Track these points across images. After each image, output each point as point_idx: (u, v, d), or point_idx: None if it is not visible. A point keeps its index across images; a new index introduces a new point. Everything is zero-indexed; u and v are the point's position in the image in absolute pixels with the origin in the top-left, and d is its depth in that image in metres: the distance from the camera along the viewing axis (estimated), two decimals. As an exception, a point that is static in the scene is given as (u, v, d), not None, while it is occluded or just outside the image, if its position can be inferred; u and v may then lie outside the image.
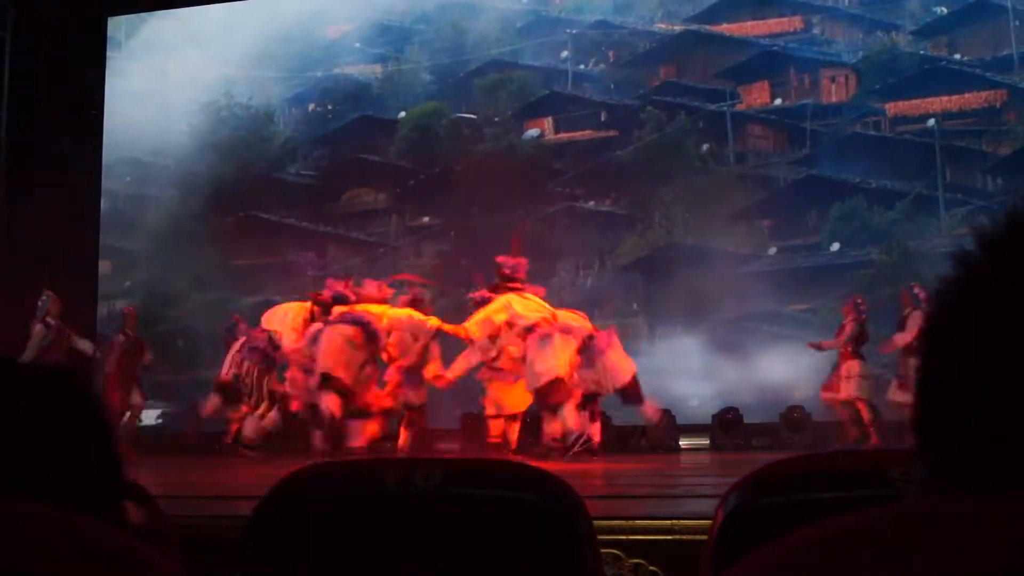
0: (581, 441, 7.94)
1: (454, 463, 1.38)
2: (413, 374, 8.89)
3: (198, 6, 13.14)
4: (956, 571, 0.51)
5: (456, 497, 1.29)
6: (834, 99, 11.59)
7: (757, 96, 11.74)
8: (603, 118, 12.23)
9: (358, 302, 9.22)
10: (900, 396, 8.39)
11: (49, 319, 10.17)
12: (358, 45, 13.11)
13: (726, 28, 11.97)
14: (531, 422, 8.65)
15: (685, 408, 9.95)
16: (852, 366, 8.95)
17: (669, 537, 3.66)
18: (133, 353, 10.51)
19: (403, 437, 8.93)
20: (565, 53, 12.48)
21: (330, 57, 13.16)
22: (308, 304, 9.70)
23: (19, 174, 12.07)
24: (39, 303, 10.23)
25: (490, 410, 8.62)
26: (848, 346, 9.03)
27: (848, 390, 8.91)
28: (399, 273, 12.44)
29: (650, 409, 8.56)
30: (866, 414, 8.80)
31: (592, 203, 11.94)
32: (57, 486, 0.82)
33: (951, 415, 0.61)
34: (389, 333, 8.92)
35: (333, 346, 8.74)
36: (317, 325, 9.14)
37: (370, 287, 9.46)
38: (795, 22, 11.83)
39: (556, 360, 8.00)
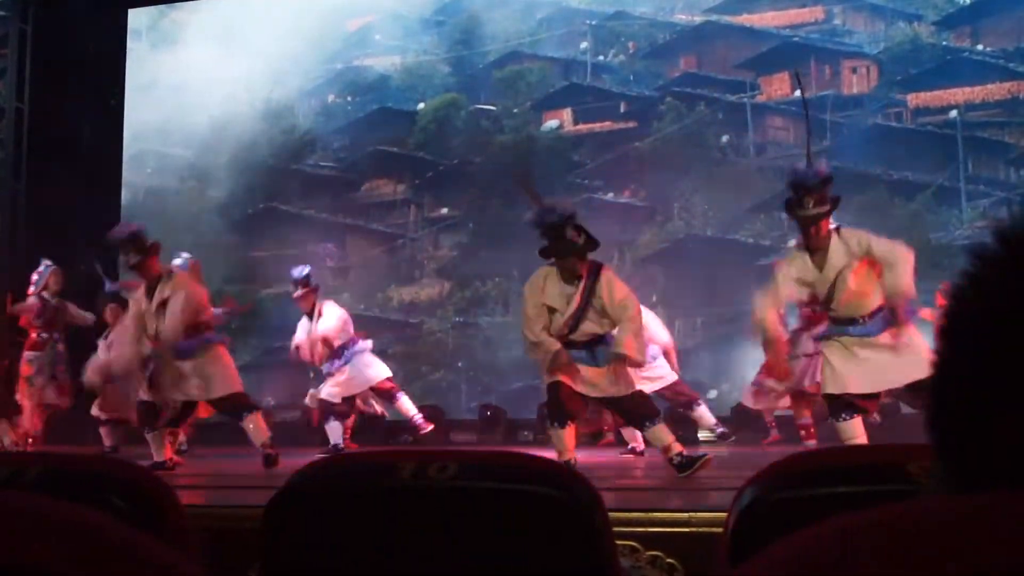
0: None
1: (469, 456, 1.38)
2: None
3: (218, -2, 13.20)
4: (971, 570, 0.51)
5: (471, 490, 1.29)
6: (855, 90, 11.51)
7: (777, 87, 11.68)
8: (622, 109, 12.20)
9: None
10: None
11: (45, 294, 9.78)
12: (378, 37, 13.12)
13: (746, 19, 11.91)
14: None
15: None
16: None
17: (687, 530, 3.66)
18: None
19: None
20: (584, 44, 12.45)
21: (349, 49, 13.18)
22: None
23: (40, 166, 12.14)
24: (35, 275, 9.86)
25: None
26: None
27: None
28: (418, 265, 12.49)
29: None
30: None
31: (611, 195, 11.92)
32: None
33: (966, 413, 0.60)
34: None
35: None
36: None
37: None
38: (816, 13, 11.75)
39: None
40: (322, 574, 1.32)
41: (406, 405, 9.12)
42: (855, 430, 5.82)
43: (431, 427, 9.16)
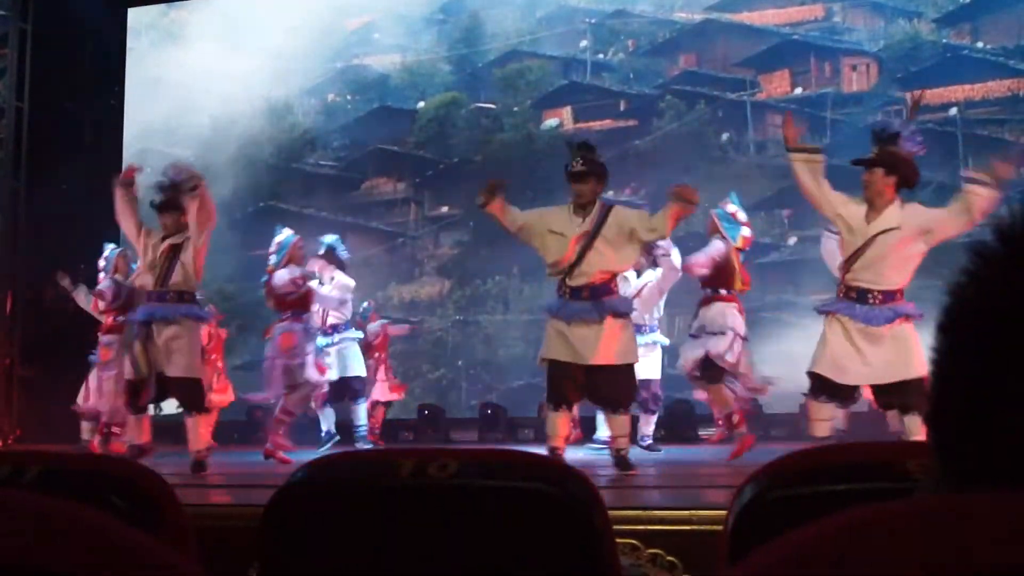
0: None
1: (469, 454, 1.37)
2: None
3: (218, -3, 13.20)
4: (971, 570, 0.51)
5: (471, 488, 1.29)
6: (855, 88, 11.51)
7: (777, 85, 11.68)
8: (622, 108, 12.20)
9: None
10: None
11: (118, 276, 9.24)
12: (378, 36, 13.12)
13: (746, 17, 11.91)
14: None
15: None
16: None
17: (687, 527, 3.66)
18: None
19: None
20: (584, 42, 12.44)
21: (350, 48, 13.18)
22: None
23: (40, 165, 12.14)
24: (102, 260, 9.40)
25: None
26: None
27: None
28: (418, 263, 12.50)
29: None
30: None
31: (611, 193, 11.90)
32: None
33: (966, 412, 0.60)
34: None
35: None
36: None
37: None
38: (816, 10, 11.75)
39: None
40: (322, 574, 1.32)
41: (359, 412, 8.95)
42: (825, 412, 5.79)
43: (378, 443, 9.07)
